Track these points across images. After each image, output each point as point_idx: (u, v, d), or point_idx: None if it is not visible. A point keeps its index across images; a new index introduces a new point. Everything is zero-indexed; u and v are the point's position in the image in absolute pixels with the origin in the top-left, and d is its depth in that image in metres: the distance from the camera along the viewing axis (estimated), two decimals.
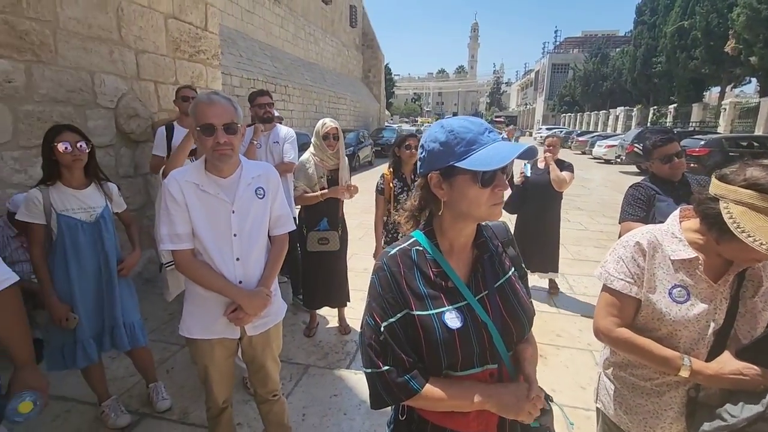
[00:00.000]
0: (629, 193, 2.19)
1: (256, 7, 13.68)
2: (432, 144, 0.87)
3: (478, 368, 0.89)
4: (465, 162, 0.82)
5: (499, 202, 0.87)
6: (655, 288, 1.12)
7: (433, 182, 0.88)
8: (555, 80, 54.50)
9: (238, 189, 1.44)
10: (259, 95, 3.16)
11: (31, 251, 1.86)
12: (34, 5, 2.83)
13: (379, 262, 0.92)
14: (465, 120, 0.86)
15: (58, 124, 1.86)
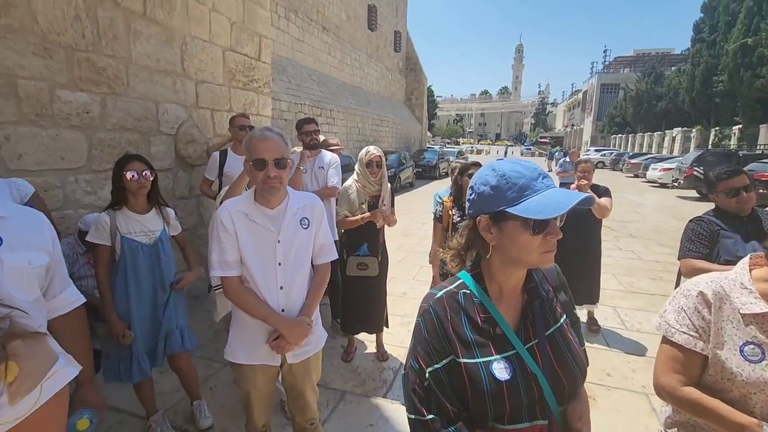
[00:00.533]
0: (690, 228, 2.03)
1: (305, 36, 14.40)
2: (482, 187, 0.86)
3: (527, 423, 0.84)
4: (517, 208, 0.80)
5: (552, 249, 0.84)
6: (723, 344, 1.02)
7: (482, 225, 0.87)
8: (604, 100, 52.68)
9: (284, 219, 1.50)
10: (306, 123, 3.29)
11: (96, 270, 2.01)
12: (112, 44, 3.14)
13: (426, 305, 0.91)
14: (517, 164, 0.85)
15: (127, 154, 2.04)
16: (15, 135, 2.57)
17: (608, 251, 5.01)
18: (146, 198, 2.05)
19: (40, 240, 1.13)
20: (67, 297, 1.22)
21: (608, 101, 51.20)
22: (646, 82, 36.32)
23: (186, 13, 3.82)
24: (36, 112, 2.68)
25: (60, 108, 2.82)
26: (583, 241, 3.42)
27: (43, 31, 2.68)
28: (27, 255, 1.08)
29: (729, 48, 21.01)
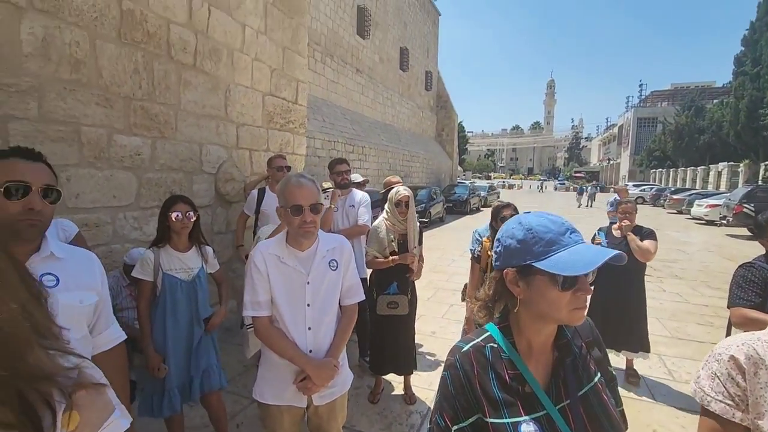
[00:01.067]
0: (740, 274, 1.91)
1: (340, 78, 15.13)
2: (509, 240, 0.86)
3: None
4: (544, 263, 0.79)
5: (582, 306, 0.81)
6: (763, 414, 0.93)
7: (509, 279, 0.86)
8: (641, 134, 51.39)
9: (314, 261, 1.56)
10: (338, 163, 3.44)
11: (138, 304, 2.13)
12: (164, 93, 3.44)
13: (452, 359, 0.89)
14: (544, 218, 0.85)
15: (174, 196, 2.19)
16: (75, 176, 2.81)
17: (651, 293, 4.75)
18: (188, 237, 2.17)
19: (92, 280, 1.23)
20: (110, 334, 1.30)
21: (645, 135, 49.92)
22: (686, 115, 35.29)
23: (231, 64, 4.14)
24: (95, 155, 2.94)
25: (116, 151, 3.09)
26: (625, 286, 3.24)
27: (106, 84, 2.98)
28: (79, 294, 1.18)
29: None
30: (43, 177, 1.14)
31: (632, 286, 3.26)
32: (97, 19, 2.87)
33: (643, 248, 3.08)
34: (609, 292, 3.25)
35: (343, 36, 15.28)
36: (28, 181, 1.08)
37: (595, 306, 3.34)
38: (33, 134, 2.54)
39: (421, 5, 23.75)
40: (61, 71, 2.69)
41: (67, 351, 0.58)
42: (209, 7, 3.81)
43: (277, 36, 4.79)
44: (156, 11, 3.30)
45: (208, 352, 2.23)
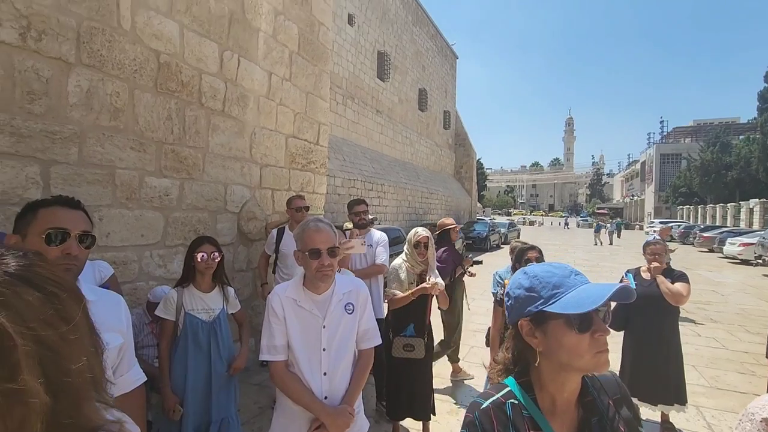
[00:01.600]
0: None
1: (360, 118, 15.65)
2: (517, 291, 0.87)
3: None
4: (554, 306, 0.80)
5: (604, 349, 0.79)
6: None
7: (525, 330, 0.85)
8: (665, 171, 50.53)
9: (330, 305, 1.57)
10: (357, 204, 3.51)
11: (160, 343, 2.16)
12: (194, 137, 3.63)
13: (471, 416, 0.86)
14: (548, 265, 0.87)
15: (201, 237, 2.28)
16: (107, 216, 2.95)
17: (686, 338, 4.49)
18: (212, 277, 2.23)
19: (118, 322, 1.27)
20: (132, 376, 1.32)
21: (669, 171, 49.08)
22: (712, 151, 34.67)
23: (257, 108, 4.36)
24: (126, 196, 3.09)
25: (146, 192, 3.24)
26: (657, 331, 3.05)
27: (141, 130, 3.18)
28: (106, 337, 1.21)
29: None
30: (81, 224, 1.21)
31: (665, 332, 3.07)
32: (137, 71, 3.11)
33: (674, 291, 2.94)
34: (640, 339, 3.08)
35: (363, 79, 15.95)
36: (67, 227, 1.15)
37: (626, 354, 3.17)
38: (72, 177, 2.71)
39: (439, 50, 24.71)
40: (101, 119, 2.89)
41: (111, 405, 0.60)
42: (239, 57, 4.08)
43: (301, 82, 5.05)
44: (190, 63, 3.55)
45: (228, 399, 2.22)
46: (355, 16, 15.14)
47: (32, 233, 1.11)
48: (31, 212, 1.15)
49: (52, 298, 0.49)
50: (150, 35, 3.18)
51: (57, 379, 0.47)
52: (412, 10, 20.53)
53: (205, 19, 3.67)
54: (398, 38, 19.01)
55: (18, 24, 2.40)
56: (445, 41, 25.77)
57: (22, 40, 2.42)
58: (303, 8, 5.02)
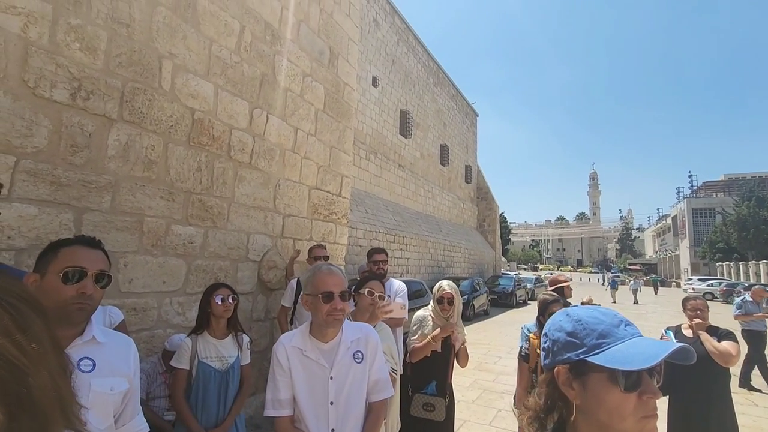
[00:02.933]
0: None
1: (383, 172, 16.04)
2: (557, 333, 0.79)
3: None
4: (599, 357, 0.71)
5: (652, 414, 0.70)
6: None
7: (561, 379, 0.76)
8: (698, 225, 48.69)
9: (338, 354, 1.49)
10: (376, 252, 3.48)
11: (173, 392, 2.10)
12: (220, 188, 3.77)
13: None
14: (595, 311, 0.78)
15: (217, 282, 2.27)
16: (132, 262, 3.02)
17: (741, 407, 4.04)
18: (227, 323, 2.19)
19: (126, 367, 1.24)
20: (135, 425, 1.27)
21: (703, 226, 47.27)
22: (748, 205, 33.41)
23: (282, 161, 4.54)
24: (153, 243, 3.18)
25: (171, 240, 3.32)
26: (705, 397, 2.74)
27: (171, 180, 3.33)
28: (111, 381, 1.18)
29: None
30: (99, 263, 1.22)
31: (714, 398, 2.77)
32: (173, 126, 3.32)
33: (722, 350, 2.67)
34: (687, 407, 2.77)
35: (386, 136, 16.56)
36: (84, 266, 1.17)
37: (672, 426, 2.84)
38: (102, 224, 2.82)
39: (459, 108, 25.64)
40: (135, 170, 3.06)
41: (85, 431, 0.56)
42: (267, 114, 4.32)
43: (325, 137, 5.27)
44: (222, 119, 3.78)
45: None
46: (379, 78, 16.06)
47: (51, 272, 1.13)
48: (52, 251, 1.18)
49: (9, 308, 0.48)
50: (187, 95, 3.43)
51: (13, 392, 0.43)
52: (433, 73, 21.65)
53: (239, 81, 3.96)
54: (420, 98, 19.91)
55: (70, 86, 2.64)
56: (465, 100, 26.78)
57: (72, 99, 2.65)
58: (329, 71, 5.36)
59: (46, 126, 2.52)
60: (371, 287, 2.24)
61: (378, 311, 2.16)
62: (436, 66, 22.05)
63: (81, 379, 1.13)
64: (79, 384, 1.12)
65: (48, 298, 1.11)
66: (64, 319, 1.13)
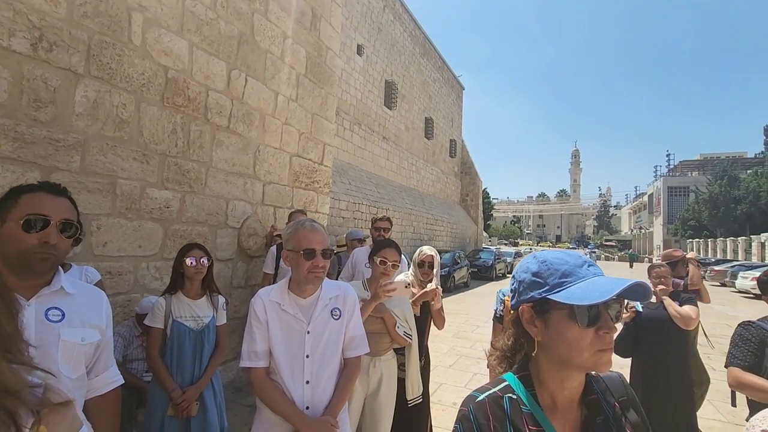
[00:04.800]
0: (737, 333, 1.89)
1: (367, 144, 15.86)
2: (523, 274, 0.82)
3: None
4: (560, 295, 0.73)
5: (607, 348, 0.73)
6: None
7: (525, 317, 0.80)
8: (673, 203, 50.29)
9: (315, 309, 1.50)
10: (380, 220, 3.56)
11: (148, 352, 2.09)
12: (197, 151, 3.66)
13: (465, 410, 0.80)
14: (561, 252, 0.81)
15: (189, 243, 2.23)
16: (105, 225, 2.94)
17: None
18: (201, 284, 2.17)
19: (97, 319, 1.22)
20: (107, 377, 1.26)
21: (677, 204, 48.85)
22: (720, 184, 34.55)
23: (262, 127, 4.42)
24: (126, 206, 3.09)
25: (146, 203, 3.24)
26: (666, 358, 2.90)
27: (145, 142, 3.21)
28: (82, 332, 1.16)
29: None
30: (64, 212, 1.14)
31: (675, 358, 2.93)
32: (145, 85, 3.17)
33: (683, 313, 2.82)
34: (649, 366, 2.94)
35: (371, 107, 16.28)
36: (47, 214, 1.09)
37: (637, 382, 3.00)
38: (72, 185, 2.71)
39: (446, 81, 25.29)
40: (105, 129, 2.93)
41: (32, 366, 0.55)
42: (246, 77, 4.17)
43: (307, 103, 5.14)
44: (198, 80, 3.63)
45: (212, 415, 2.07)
46: (364, 46, 15.62)
47: (11, 219, 1.07)
48: (12, 198, 1.11)
49: None
50: (159, 51, 3.27)
51: None
52: (420, 43, 21.16)
53: (215, 39, 3.78)
54: (406, 69, 19.52)
55: (30, 35, 2.47)
56: (451, 73, 26.39)
57: (33, 50, 2.49)
58: (311, 33, 5.17)
59: (6, 78, 2.37)
60: (384, 256, 2.22)
61: (380, 290, 2.12)
62: (423, 36, 21.54)
63: (50, 329, 1.10)
64: (47, 334, 1.10)
65: (8, 246, 1.06)
66: (26, 269, 1.09)
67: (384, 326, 2.20)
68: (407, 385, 2.35)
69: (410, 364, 2.37)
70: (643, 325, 2.99)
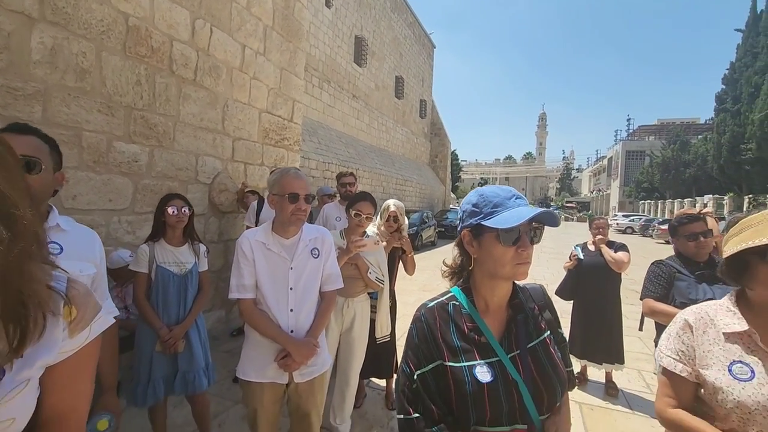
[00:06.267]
0: (651, 270, 2.17)
1: (336, 102, 15.55)
2: (466, 205, 0.99)
3: (507, 427, 0.89)
4: (490, 221, 0.91)
5: (524, 262, 0.91)
6: (710, 365, 1.05)
7: (466, 239, 0.98)
8: (630, 167, 52.74)
9: (297, 249, 1.67)
10: (345, 176, 3.64)
11: (136, 295, 2.19)
12: (164, 105, 3.60)
13: (418, 314, 0.99)
14: (496, 187, 0.98)
15: (170, 193, 2.30)
16: (74, 178, 2.92)
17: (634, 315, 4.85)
18: (182, 232, 2.27)
19: (91, 253, 1.33)
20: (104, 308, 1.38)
21: (634, 167, 51.23)
22: (672, 149, 36.42)
23: (230, 81, 4.34)
24: (94, 159, 3.05)
25: (114, 157, 3.20)
26: (601, 297, 3.40)
27: (109, 93, 3.13)
28: (79, 265, 1.27)
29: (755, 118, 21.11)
30: (25, 148, 1.09)
31: (608, 297, 3.41)
32: (105, 32, 3.05)
33: (617, 259, 3.25)
34: (587, 304, 3.42)
35: (340, 63, 15.82)
36: None
37: (575, 319, 3.50)
38: None
39: (417, 37, 24.70)
40: (66, 79, 2.84)
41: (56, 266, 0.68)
42: (211, 27, 4.03)
43: (275, 57, 5.03)
44: (161, 29, 3.50)
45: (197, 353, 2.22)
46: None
47: None
48: None
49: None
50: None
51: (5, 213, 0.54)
52: None
53: None
54: (376, 23, 18.89)
55: None
56: (423, 30, 25.76)
57: None
58: None
59: None
60: (359, 209, 2.36)
61: (351, 245, 2.25)
62: None
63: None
64: None
65: None
66: None
67: (358, 272, 2.40)
68: (377, 325, 2.60)
69: (381, 306, 2.60)
70: (583, 270, 3.44)
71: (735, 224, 1.08)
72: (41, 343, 0.62)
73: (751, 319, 1.04)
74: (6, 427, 0.60)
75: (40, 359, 0.63)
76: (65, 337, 0.66)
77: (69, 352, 0.67)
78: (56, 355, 0.65)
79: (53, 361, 0.66)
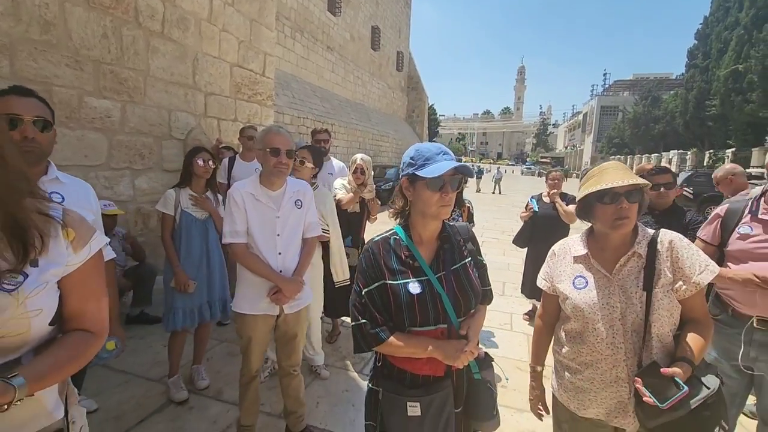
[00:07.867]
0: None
1: (310, 54, 15.06)
2: (406, 158, 1.23)
3: (432, 327, 1.18)
4: (420, 171, 1.15)
5: (447, 204, 1.17)
6: (562, 280, 1.40)
7: (404, 186, 1.22)
8: (604, 122, 53.65)
9: (283, 200, 1.90)
10: (319, 132, 3.71)
11: (163, 235, 2.44)
12: (133, 58, 3.58)
13: (367, 246, 1.26)
14: (431, 144, 1.21)
15: (198, 146, 2.52)
16: None
17: None
18: (205, 182, 2.48)
19: (87, 203, 1.51)
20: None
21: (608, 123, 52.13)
22: (644, 105, 37.14)
23: (199, 33, 4.28)
24: (66, 115, 3.09)
25: (86, 113, 3.24)
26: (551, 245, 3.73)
27: (76, 47, 3.11)
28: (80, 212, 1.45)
29: (720, 74, 21.68)
30: (35, 109, 1.30)
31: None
32: None
33: (568, 212, 3.57)
34: (538, 251, 3.76)
35: (313, 11, 15.15)
36: (20, 113, 1.27)
37: (530, 265, 3.87)
38: None
39: None
40: (31, 31, 2.82)
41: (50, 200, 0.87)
42: None
43: (244, 8, 4.92)
44: None
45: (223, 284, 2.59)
46: None
47: None
48: None
49: None
50: None
51: None
52: None
53: None
54: None
55: None
56: None
57: None
58: None
59: None
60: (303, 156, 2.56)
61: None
62: None
63: None
64: None
65: None
66: None
67: None
68: (332, 270, 2.87)
69: (332, 254, 2.85)
70: (537, 221, 3.76)
71: (584, 176, 1.36)
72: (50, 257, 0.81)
73: (592, 245, 1.36)
74: (36, 315, 0.79)
75: (52, 268, 0.82)
76: (70, 253, 0.85)
77: (77, 264, 0.86)
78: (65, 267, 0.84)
79: (64, 272, 0.84)
